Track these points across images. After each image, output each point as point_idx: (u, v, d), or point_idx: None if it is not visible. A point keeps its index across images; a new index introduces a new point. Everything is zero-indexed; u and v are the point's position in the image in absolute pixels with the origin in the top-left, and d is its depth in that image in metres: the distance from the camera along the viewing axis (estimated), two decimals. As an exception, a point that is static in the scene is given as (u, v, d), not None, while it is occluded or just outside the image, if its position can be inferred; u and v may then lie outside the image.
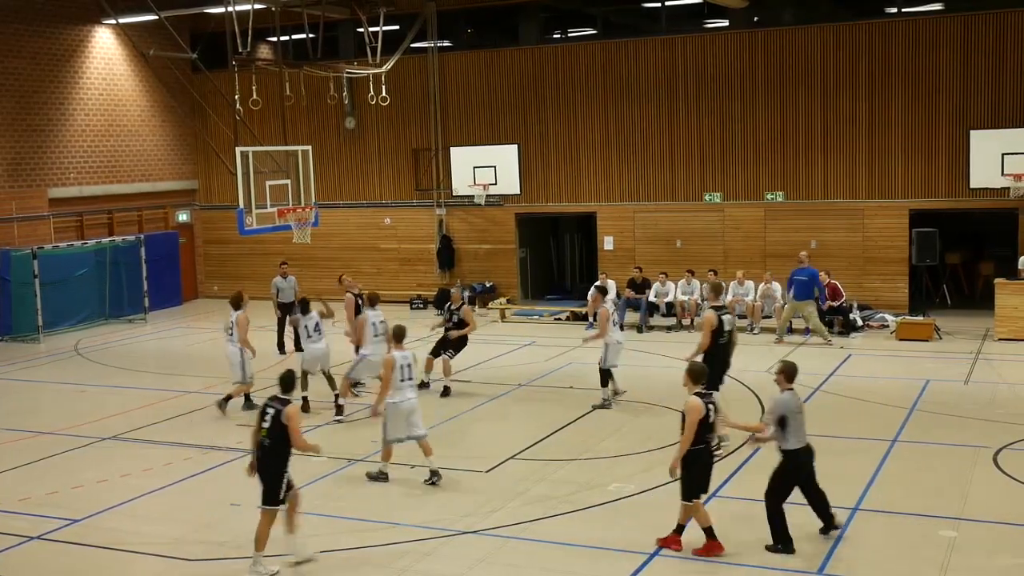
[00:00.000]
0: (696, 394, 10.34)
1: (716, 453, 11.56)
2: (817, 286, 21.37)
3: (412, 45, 25.71)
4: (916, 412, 15.37)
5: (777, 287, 22.63)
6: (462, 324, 17.55)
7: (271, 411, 10.22)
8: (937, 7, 23.83)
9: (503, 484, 12.68)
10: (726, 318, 14.16)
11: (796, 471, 10.29)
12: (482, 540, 10.88)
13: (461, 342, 17.62)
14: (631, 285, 23.72)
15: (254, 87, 21.05)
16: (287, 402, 10.28)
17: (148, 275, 26.90)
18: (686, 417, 10.19)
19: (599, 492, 12.12)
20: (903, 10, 23.85)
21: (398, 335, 12.92)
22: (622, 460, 12.54)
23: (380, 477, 12.81)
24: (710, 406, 10.28)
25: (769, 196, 24.65)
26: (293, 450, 10.26)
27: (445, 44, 27.61)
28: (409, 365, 12.66)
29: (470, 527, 11.17)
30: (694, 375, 10.50)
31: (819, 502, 10.51)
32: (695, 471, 10.26)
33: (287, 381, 10.57)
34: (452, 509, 11.76)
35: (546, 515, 11.47)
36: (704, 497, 10.43)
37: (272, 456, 10.19)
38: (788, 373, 10.41)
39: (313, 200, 20.94)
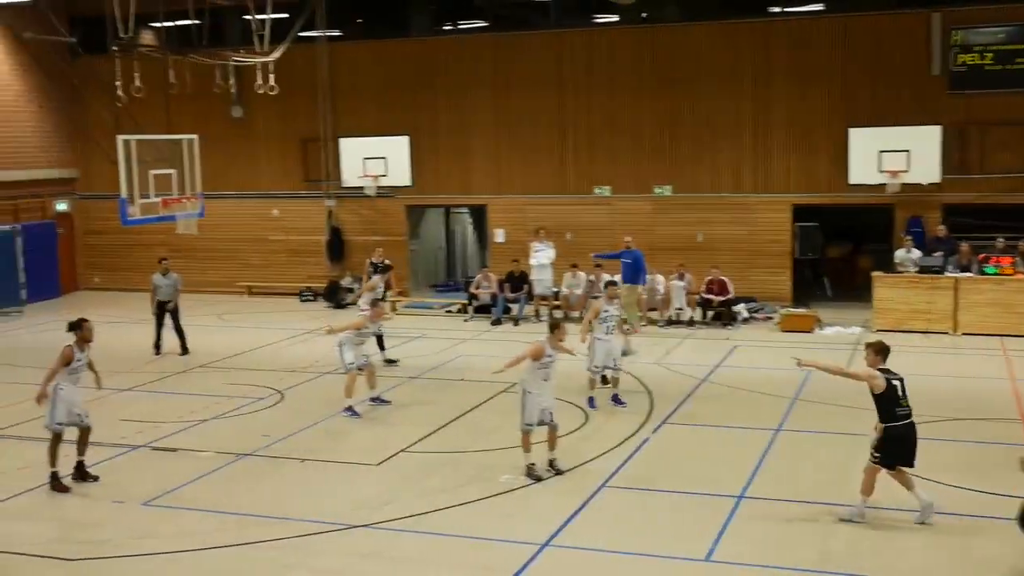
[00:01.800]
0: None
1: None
2: (641, 269, 21.63)
3: (302, 34, 25.32)
4: (798, 402, 15.77)
5: (661, 279, 23.00)
6: None
7: None
8: (818, 7, 24.48)
9: (394, 477, 12.62)
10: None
11: None
12: (374, 533, 10.80)
13: None
14: (509, 279, 23.79)
15: (137, 74, 20.48)
16: None
17: (25, 266, 25.98)
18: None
19: (490, 484, 12.15)
20: (785, 9, 24.43)
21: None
22: (512, 452, 12.58)
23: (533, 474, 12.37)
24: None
25: (658, 190, 25.02)
26: None
27: (335, 34, 27.29)
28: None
29: (362, 520, 11.08)
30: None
31: None
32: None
33: None
34: (343, 503, 11.65)
35: (437, 508, 11.43)
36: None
37: None
38: None
39: (198, 190, 20.53)
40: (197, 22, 22.15)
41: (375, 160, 25.97)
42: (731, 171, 24.53)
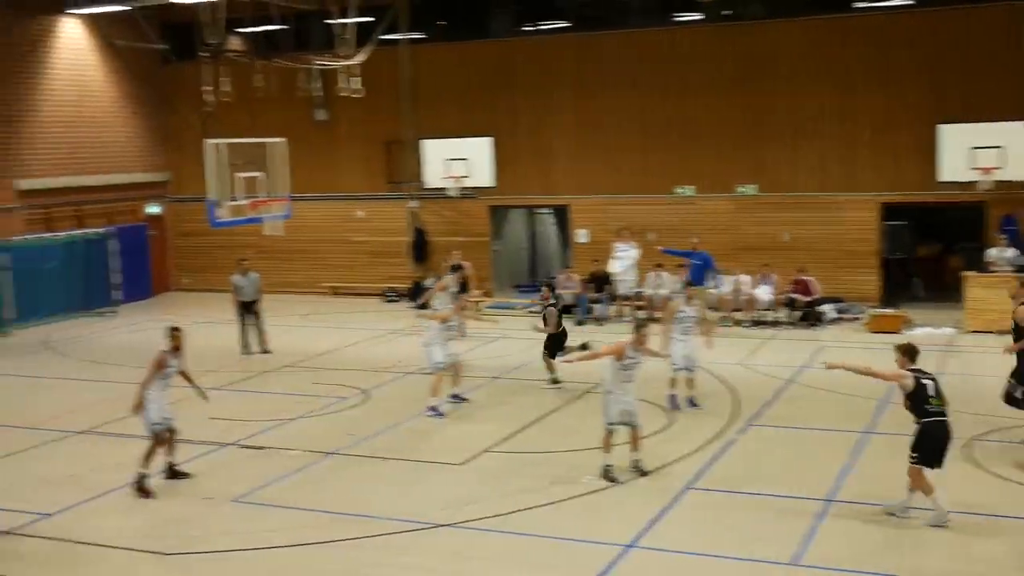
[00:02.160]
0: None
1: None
2: (710, 268, 21.75)
3: (384, 37, 25.61)
4: (888, 404, 15.47)
5: (746, 279, 22.76)
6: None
7: None
8: (907, 1, 23.97)
9: (478, 477, 12.69)
10: None
11: None
12: (458, 533, 10.87)
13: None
14: (592, 279, 23.73)
15: (225, 79, 20.90)
16: None
17: (119, 268, 26.68)
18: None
19: (573, 485, 12.14)
20: (873, 4, 24.00)
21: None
22: (596, 453, 12.55)
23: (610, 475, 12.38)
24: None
25: (741, 189, 24.74)
26: None
27: (417, 36, 27.50)
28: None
29: (446, 520, 11.15)
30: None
31: None
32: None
33: None
34: (427, 502, 11.74)
35: (521, 508, 11.47)
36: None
37: None
38: None
39: (285, 192, 20.86)
40: (283, 27, 22.55)
41: (457, 161, 26.12)
42: (816, 170, 24.15)
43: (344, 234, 28.59)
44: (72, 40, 27.08)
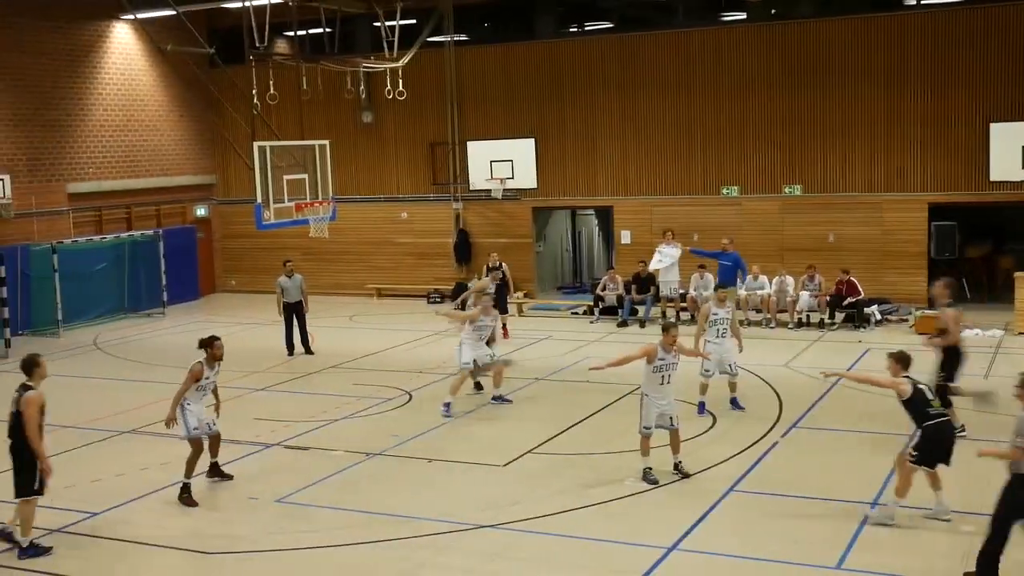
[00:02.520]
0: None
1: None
2: (740, 269, 22.14)
3: (429, 39, 25.70)
4: (935, 407, 15.27)
5: (790, 280, 22.58)
6: None
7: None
8: (957, -1, 23.68)
9: (521, 478, 12.70)
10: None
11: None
12: (499, 534, 10.88)
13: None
14: (635, 280, 23.66)
15: (271, 82, 21.09)
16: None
17: (166, 269, 27.02)
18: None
19: (616, 487, 12.11)
20: (922, 2, 23.71)
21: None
22: (637, 456, 12.50)
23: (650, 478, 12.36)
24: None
25: (787, 190, 24.56)
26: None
27: (462, 38, 27.59)
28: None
29: (487, 521, 11.17)
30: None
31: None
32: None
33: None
34: (469, 503, 11.77)
35: (562, 510, 11.46)
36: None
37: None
38: None
39: (330, 194, 20.99)
40: (328, 30, 22.68)
41: (501, 163, 26.18)
42: (863, 170, 23.90)
43: (389, 236, 28.73)
44: (123, 45, 27.50)
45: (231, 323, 24.42)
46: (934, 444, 10.59)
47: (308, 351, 20.71)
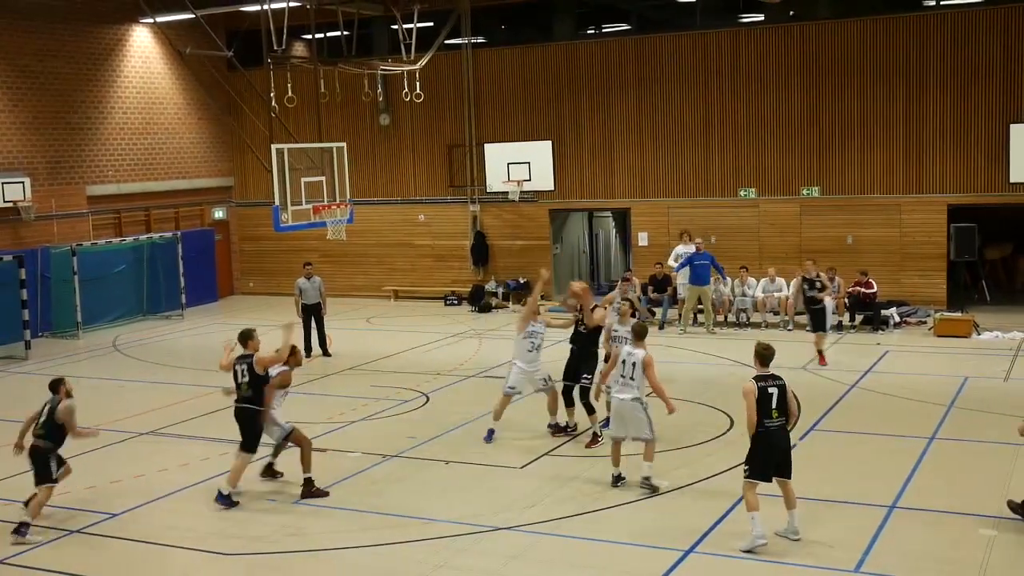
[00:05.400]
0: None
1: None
2: (716, 267, 22.24)
3: (446, 42, 25.75)
4: (954, 409, 15.21)
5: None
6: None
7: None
8: (977, 0, 23.52)
9: (538, 480, 12.69)
10: None
11: None
12: (517, 536, 10.88)
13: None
14: (652, 282, 23.62)
15: (289, 84, 21.17)
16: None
17: (185, 272, 27.12)
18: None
19: (632, 489, 12.09)
20: (941, 3, 23.60)
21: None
22: (659, 457, 12.46)
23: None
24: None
25: (805, 191, 24.47)
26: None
27: (479, 41, 27.62)
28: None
29: (506, 523, 11.17)
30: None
31: None
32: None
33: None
34: (487, 505, 11.77)
35: (581, 511, 11.45)
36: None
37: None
38: None
39: (348, 197, 21.04)
40: (346, 33, 22.75)
41: (519, 165, 26.19)
42: (882, 171, 23.80)
43: (407, 238, 28.77)
44: (142, 48, 27.63)
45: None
46: (763, 452, 10.27)
47: (326, 353, 20.75)
